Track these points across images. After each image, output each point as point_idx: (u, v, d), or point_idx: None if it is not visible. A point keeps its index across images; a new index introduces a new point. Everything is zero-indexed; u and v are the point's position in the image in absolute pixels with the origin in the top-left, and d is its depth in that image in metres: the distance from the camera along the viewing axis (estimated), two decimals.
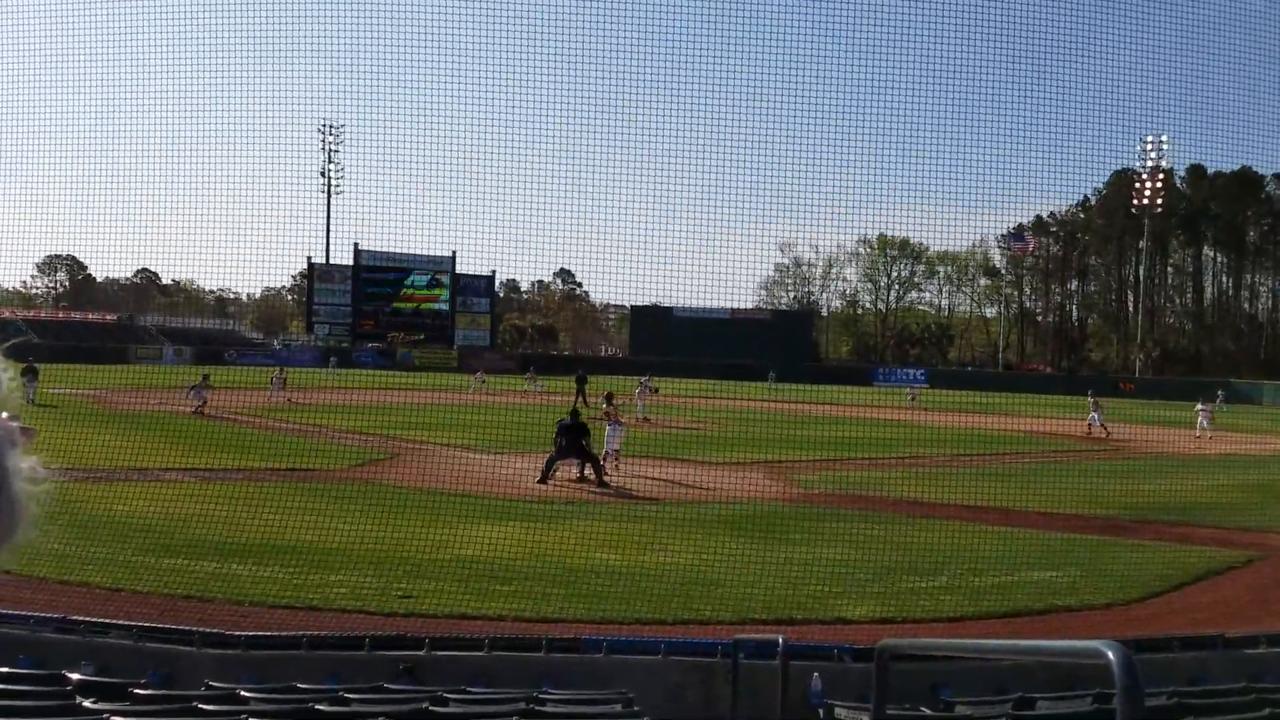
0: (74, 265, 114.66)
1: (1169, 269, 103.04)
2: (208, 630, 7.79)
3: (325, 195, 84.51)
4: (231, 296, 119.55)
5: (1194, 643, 8.23)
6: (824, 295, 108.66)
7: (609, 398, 22.86)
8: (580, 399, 38.31)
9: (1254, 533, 15.39)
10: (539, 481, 18.16)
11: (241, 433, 24.95)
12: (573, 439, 18.81)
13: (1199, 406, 34.08)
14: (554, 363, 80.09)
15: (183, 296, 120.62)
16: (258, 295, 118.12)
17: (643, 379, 36.51)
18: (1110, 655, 2.00)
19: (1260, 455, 28.25)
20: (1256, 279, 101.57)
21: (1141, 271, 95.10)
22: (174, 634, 7.75)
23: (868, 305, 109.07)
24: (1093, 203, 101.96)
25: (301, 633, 7.87)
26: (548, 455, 18.79)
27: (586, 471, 18.95)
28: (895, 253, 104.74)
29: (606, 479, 18.64)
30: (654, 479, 19.41)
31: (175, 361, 65.39)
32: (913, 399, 45.56)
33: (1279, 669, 7.74)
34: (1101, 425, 32.76)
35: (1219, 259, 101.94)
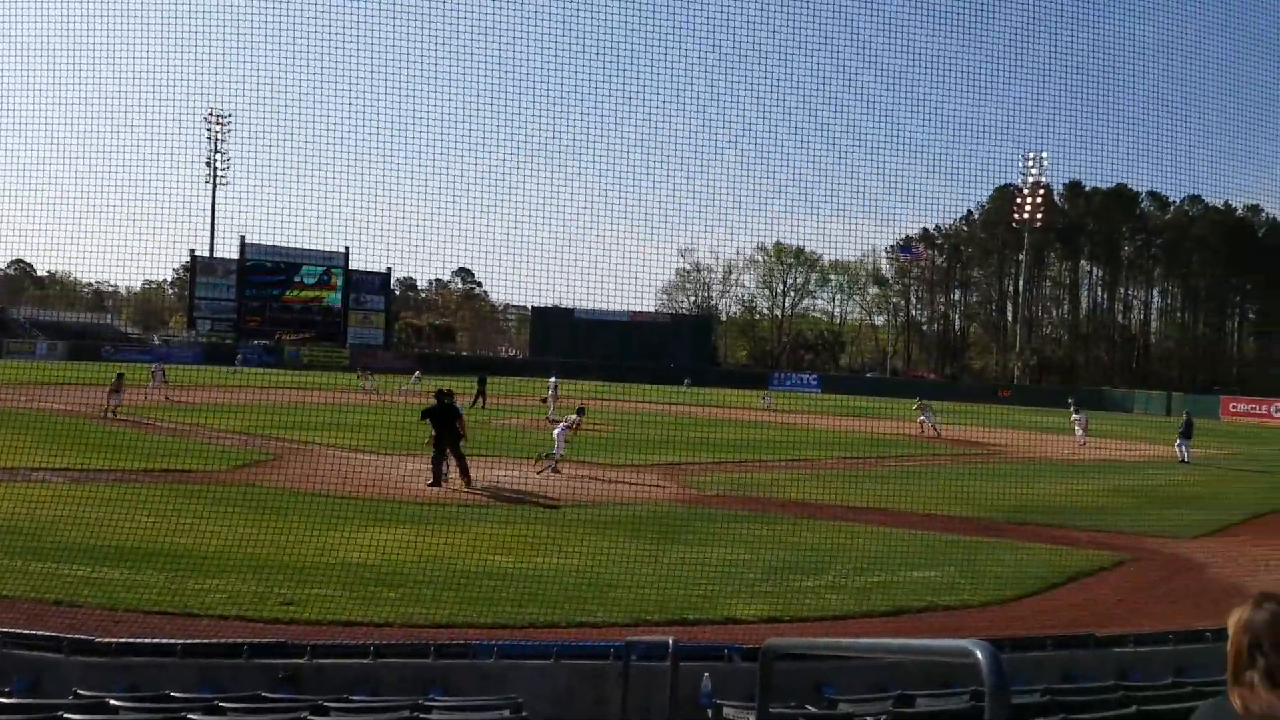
0: None
1: (1047, 281, 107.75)
2: (76, 636, 7.42)
3: (210, 186, 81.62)
4: (109, 290, 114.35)
5: (1066, 641, 8.60)
6: (723, 300, 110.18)
7: (580, 410, 22.16)
8: (480, 400, 37.92)
9: (1126, 535, 16.19)
10: (430, 484, 17.83)
11: (116, 432, 23.84)
12: (445, 423, 18.26)
13: (1074, 416, 35.61)
14: (452, 363, 79.08)
15: (58, 289, 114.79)
16: (137, 289, 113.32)
17: (550, 380, 36.39)
18: (979, 654, 2.06)
19: (1131, 461, 29.77)
20: (1130, 292, 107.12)
21: (1021, 283, 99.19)
22: (40, 640, 7.36)
23: (764, 311, 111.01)
24: (976, 216, 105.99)
25: (176, 639, 7.56)
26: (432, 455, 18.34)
27: (449, 470, 18.33)
28: (791, 261, 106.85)
29: (474, 481, 18.24)
30: (552, 481, 19.32)
31: (48, 357, 62.16)
32: (766, 401, 49.45)
33: (1146, 667, 8.14)
34: (933, 426, 34.40)
35: (1095, 272, 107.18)
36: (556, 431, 20.75)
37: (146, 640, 7.68)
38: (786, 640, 5.98)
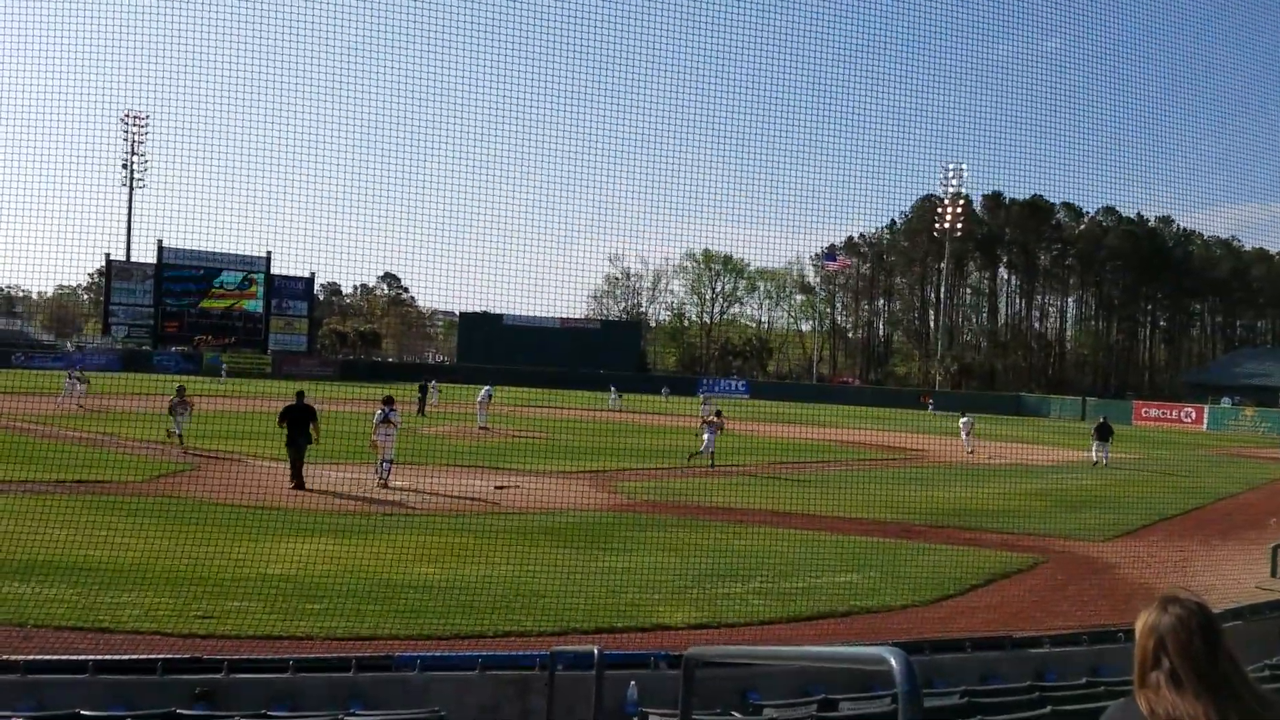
0: None
1: (967, 289, 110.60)
2: None
3: (127, 188, 79.14)
4: (20, 294, 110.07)
5: (984, 643, 8.82)
6: (652, 307, 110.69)
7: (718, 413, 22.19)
8: (421, 409, 37.45)
9: (1036, 537, 16.67)
10: (294, 487, 17.67)
11: (25, 441, 22.95)
12: (298, 423, 18.26)
13: (961, 420, 36.09)
14: (378, 369, 77.93)
15: None
16: (50, 294, 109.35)
17: (485, 389, 36.05)
18: (892, 661, 2.11)
19: (1043, 465, 30.65)
20: (1046, 300, 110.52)
21: (942, 291, 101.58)
22: None
23: (693, 318, 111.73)
24: (899, 225, 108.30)
25: (87, 656, 7.32)
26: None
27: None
28: (719, 268, 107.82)
29: (305, 484, 18.06)
30: (477, 488, 19.17)
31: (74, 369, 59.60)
32: (615, 399, 51.02)
33: (1062, 667, 8.39)
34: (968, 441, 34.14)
35: (1013, 281, 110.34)
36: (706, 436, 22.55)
37: (57, 657, 7.42)
38: (708, 649, 6.03)
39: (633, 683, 7.38)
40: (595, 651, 5.79)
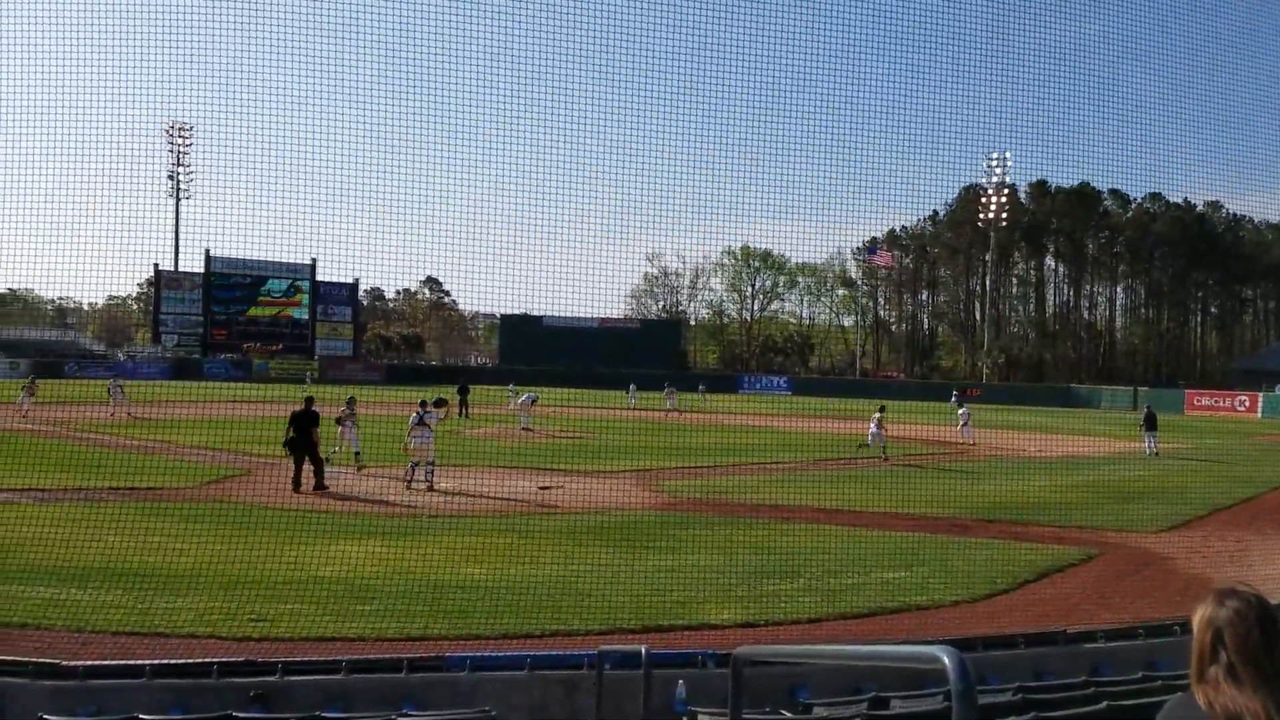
0: None
1: (1013, 280, 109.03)
2: (42, 660, 7.31)
3: (174, 199, 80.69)
4: (72, 306, 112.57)
5: (1037, 639, 8.68)
6: (691, 305, 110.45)
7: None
8: (463, 410, 37.77)
9: (1088, 530, 16.39)
10: (294, 490, 17.79)
11: (80, 450, 23.49)
12: (302, 429, 18.24)
13: (960, 410, 35.54)
14: (421, 372, 78.65)
15: (19, 306, 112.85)
16: (101, 304, 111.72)
17: (528, 394, 36.26)
18: (946, 659, 2.08)
19: (1095, 457, 30.14)
20: (1095, 289, 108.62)
21: (988, 282, 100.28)
22: (4, 665, 7.23)
23: (733, 315, 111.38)
24: (942, 217, 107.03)
25: (144, 660, 7.46)
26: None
27: (305, 475, 18.21)
28: (758, 264, 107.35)
29: (326, 484, 18.13)
30: (523, 487, 19.27)
31: (8, 375, 61.13)
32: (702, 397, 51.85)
33: (1117, 663, 8.24)
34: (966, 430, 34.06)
35: (1060, 270, 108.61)
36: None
37: (115, 662, 7.57)
38: (758, 648, 5.99)
39: (681, 682, 7.37)
40: (643, 651, 5.79)
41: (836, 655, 4.43)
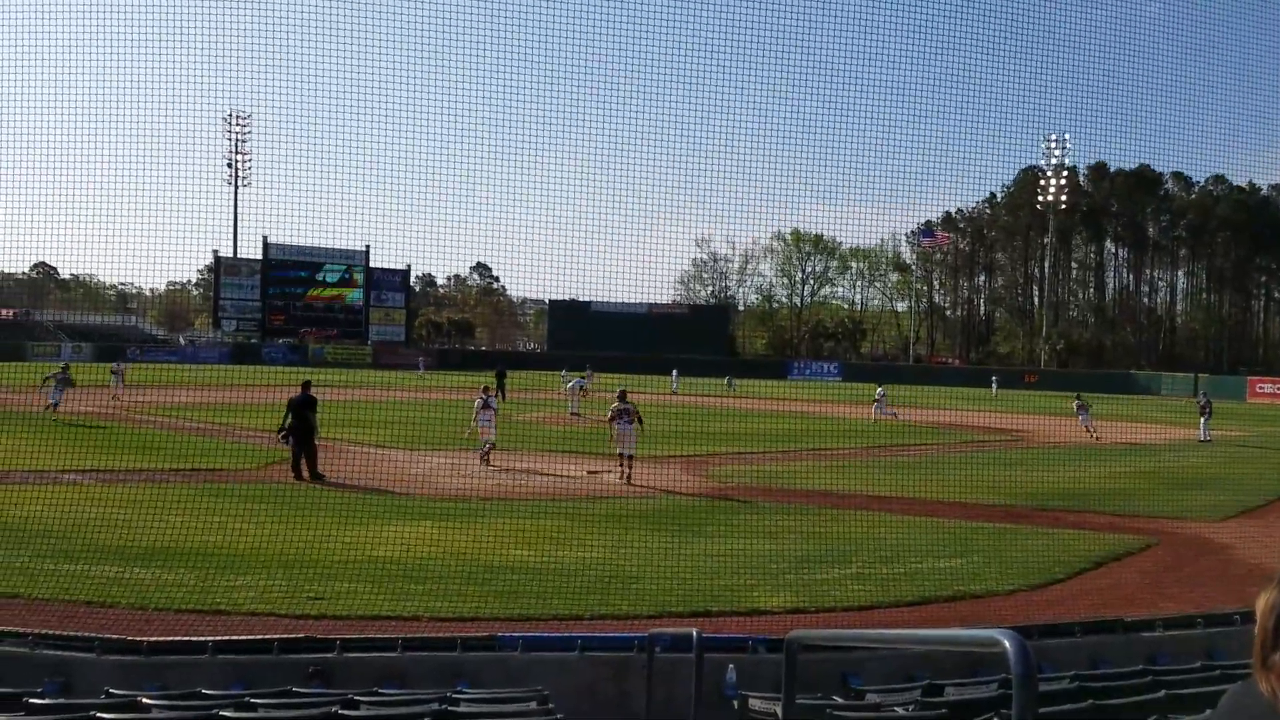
0: None
1: (1072, 264, 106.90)
2: (108, 636, 7.52)
3: (232, 186, 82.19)
4: (134, 291, 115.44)
5: (1094, 627, 8.55)
6: (740, 290, 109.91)
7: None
8: (500, 394, 38.11)
9: (1146, 518, 16.06)
10: (297, 478, 17.61)
11: (143, 433, 24.11)
12: (301, 416, 17.99)
13: (1076, 406, 33.93)
14: (471, 358, 79.34)
15: (82, 291, 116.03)
16: (161, 290, 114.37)
17: (576, 379, 36.46)
18: (1006, 644, 2.05)
19: (1151, 444, 29.51)
20: (1155, 273, 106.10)
21: (1046, 266, 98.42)
22: (72, 641, 7.46)
23: (783, 300, 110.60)
24: (999, 199, 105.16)
25: (206, 637, 7.64)
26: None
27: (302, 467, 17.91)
28: (809, 248, 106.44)
29: (322, 473, 17.77)
30: (572, 472, 19.38)
31: (74, 359, 62.90)
32: (729, 386, 52.47)
33: (1175, 652, 8.08)
34: (1089, 426, 33.19)
35: (1120, 254, 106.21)
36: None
37: (178, 639, 7.76)
38: (812, 632, 5.97)
39: (731, 666, 7.37)
40: (694, 634, 5.79)
41: (893, 640, 4.39)
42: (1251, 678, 2.25)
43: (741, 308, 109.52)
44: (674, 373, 53.68)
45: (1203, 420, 30.91)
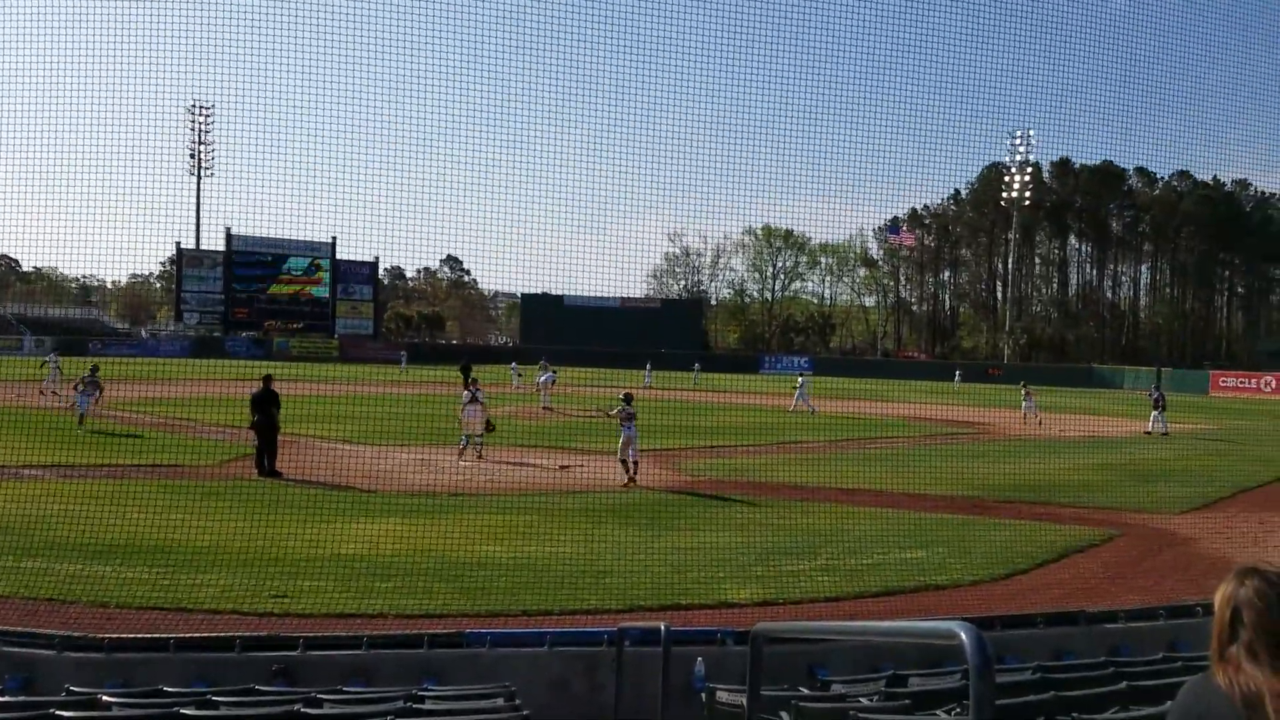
0: None
1: (1036, 259, 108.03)
2: (69, 634, 7.42)
3: (195, 177, 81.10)
4: (96, 284, 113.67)
5: (1057, 619, 8.65)
6: (712, 284, 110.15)
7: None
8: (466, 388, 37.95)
9: (1109, 510, 16.29)
10: (261, 474, 17.48)
11: (102, 427, 23.76)
12: (264, 412, 17.85)
13: (1024, 394, 35.46)
14: (441, 352, 78.88)
15: (44, 284, 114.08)
16: (124, 282, 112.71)
17: (548, 373, 36.30)
18: (963, 635, 2.07)
19: (1113, 436, 29.94)
20: (1119, 269, 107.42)
21: (1010, 262, 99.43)
22: (33, 638, 7.36)
23: (754, 295, 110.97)
24: (964, 196, 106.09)
25: (168, 634, 7.56)
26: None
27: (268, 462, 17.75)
28: (780, 243, 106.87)
29: (280, 469, 17.59)
30: (541, 468, 19.35)
31: (35, 353, 61.87)
32: (695, 380, 52.53)
33: (1137, 643, 8.20)
34: (1035, 412, 34.07)
35: (1084, 249, 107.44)
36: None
37: (139, 636, 7.67)
38: (776, 624, 6.00)
39: (700, 659, 7.39)
40: (662, 628, 5.81)
41: (855, 631, 4.43)
42: (1209, 670, 2.28)
43: (714, 302, 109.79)
44: (648, 366, 53.72)
45: (1155, 413, 31.53)
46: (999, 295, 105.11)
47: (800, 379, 37.79)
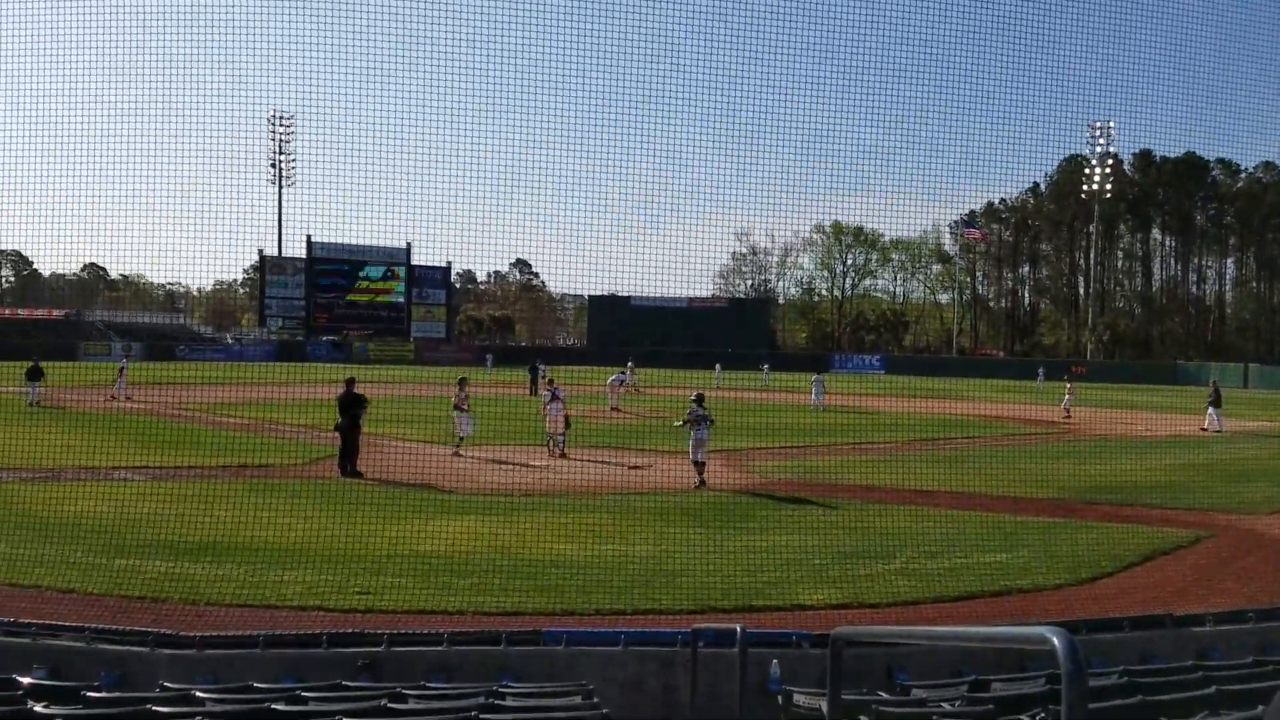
0: (19, 261, 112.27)
1: (1119, 253, 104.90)
2: (162, 631, 7.68)
3: (276, 186, 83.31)
4: (181, 290, 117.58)
5: (1143, 622, 8.42)
6: (780, 283, 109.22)
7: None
8: (533, 389, 38.33)
9: (1198, 512, 15.77)
10: (343, 474, 17.73)
11: (191, 429, 24.56)
12: (348, 413, 18.15)
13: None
14: (514, 354, 79.73)
15: (130, 291, 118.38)
16: (208, 289, 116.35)
17: (616, 374, 36.49)
18: (1055, 641, 2.04)
19: (1202, 437, 28.95)
20: (1204, 262, 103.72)
21: (1092, 256, 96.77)
22: (128, 635, 7.63)
23: (823, 293, 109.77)
24: (1043, 189, 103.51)
25: (258, 632, 7.78)
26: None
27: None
28: (850, 240, 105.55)
29: (360, 470, 17.81)
30: (614, 467, 19.44)
31: (120, 358, 64.20)
32: (765, 376, 52.79)
33: (1225, 647, 7.94)
34: (1066, 407, 33.60)
35: (1167, 243, 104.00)
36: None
37: (230, 633, 7.91)
38: (858, 628, 5.95)
39: (775, 661, 7.36)
40: (738, 629, 5.80)
41: (939, 636, 4.37)
42: None
43: (781, 301, 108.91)
44: (717, 367, 53.59)
45: (1211, 410, 30.73)
46: (1081, 290, 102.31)
47: (816, 375, 38.08)
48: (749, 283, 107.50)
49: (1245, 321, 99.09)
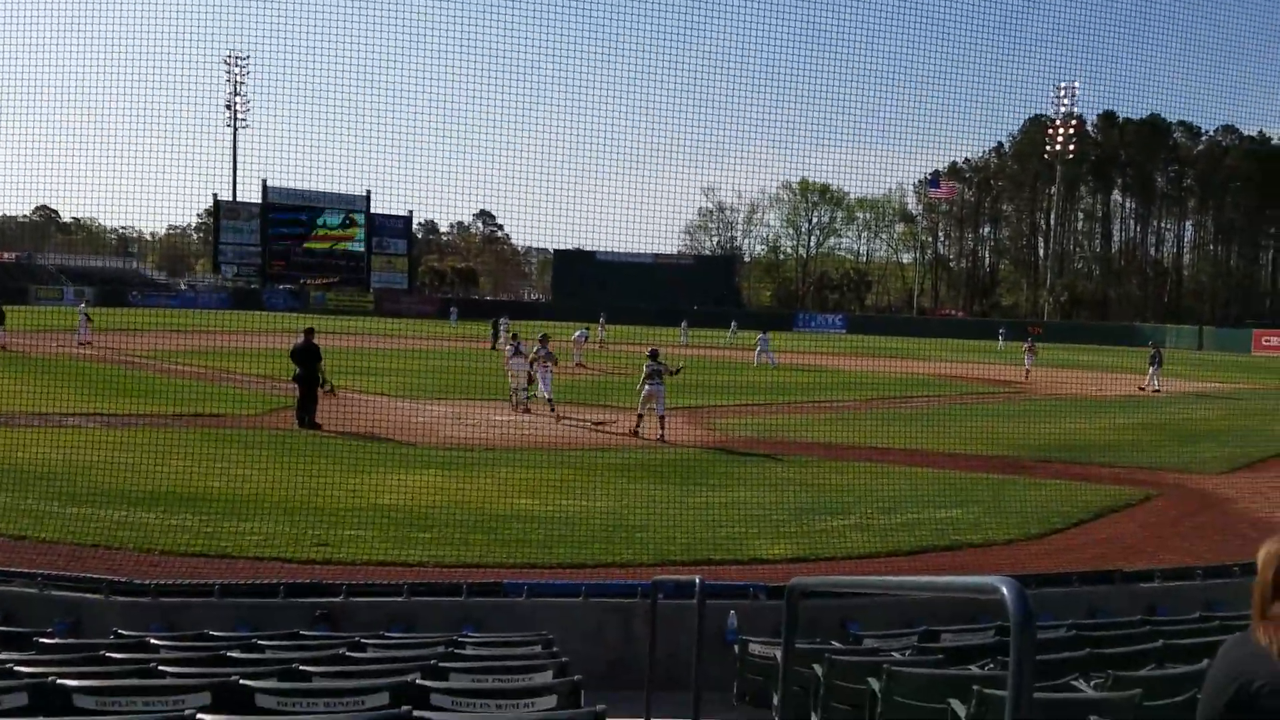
0: None
1: (1079, 214, 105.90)
2: (116, 578, 7.63)
3: (231, 129, 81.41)
4: (134, 235, 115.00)
5: (1092, 577, 8.64)
6: (746, 241, 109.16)
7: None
8: (495, 344, 38.17)
9: (1148, 471, 16.14)
10: (301, 425, 17.53)
11: (144, 377, 24.17)
12: (305, 364, 17.87)
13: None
14: (474, 306, 79.22)
15: (83, 235, 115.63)
16: (162, 233, 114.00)
17: (579, 330, 36.36)
18: (1004, 590, 2.07)
19: (1154, 397, 29.55)
20: (1163, 225, 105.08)
21: (1053, 217, 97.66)
22: (81, 582, 7.57)
23: (789, 251, 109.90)
24: (1007, 149, 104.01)
25: (213, 580, 7.75)
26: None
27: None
28: (816, 198, 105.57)
29: (319, 422, 17.63)
30: (577, 424, 19.47)
31: (75, 303, 62.89)
32: (732, 334, 53.16)
33: (1174, 603, 8.18)
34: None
35: (1128, 205, 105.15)
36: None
37: (185, 581, 7.87)
38: (813, 579, 6.04)
39: (732, 612, 7.48)
40: (697, 581, 5.87)
41: (893, 586, 4.45)
42: (1249, 630, 2.27)
43: (747, 259, 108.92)
44: (683, 324, 53.60)
45: (1151, 369, 31.35)
46: (1040, 251, 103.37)
47: (761, 334, 38.45)
48: (715, 240, 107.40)
49: (1202, 285, 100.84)
